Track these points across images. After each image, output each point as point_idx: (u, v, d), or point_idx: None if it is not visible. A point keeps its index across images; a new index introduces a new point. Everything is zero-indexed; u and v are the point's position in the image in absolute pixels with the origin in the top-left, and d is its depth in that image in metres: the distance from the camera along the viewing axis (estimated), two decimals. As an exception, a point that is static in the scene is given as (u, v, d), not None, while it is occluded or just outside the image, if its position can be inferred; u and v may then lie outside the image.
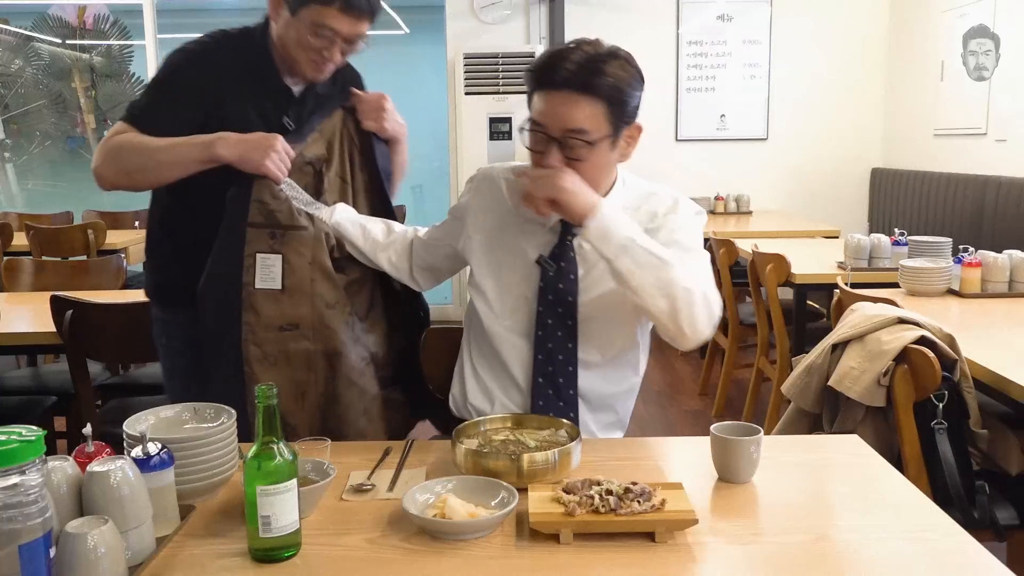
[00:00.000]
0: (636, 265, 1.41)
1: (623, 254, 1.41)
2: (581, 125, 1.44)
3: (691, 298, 1.42)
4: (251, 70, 1.74)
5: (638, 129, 1.54)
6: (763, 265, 3.26)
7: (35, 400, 2.70)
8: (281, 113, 1.77)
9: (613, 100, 1.45)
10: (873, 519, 1.15)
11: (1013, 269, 2.74)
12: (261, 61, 1.74)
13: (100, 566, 0.95)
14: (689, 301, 1.42)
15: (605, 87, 1.44)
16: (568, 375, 1.57)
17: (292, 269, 1.62)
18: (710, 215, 5.72)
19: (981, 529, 1.69)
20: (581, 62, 1.44)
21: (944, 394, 1.71)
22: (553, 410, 1.56)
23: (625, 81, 1.46)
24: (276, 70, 1.76)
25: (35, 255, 4.40)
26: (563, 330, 1.56)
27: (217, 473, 1.23)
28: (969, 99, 4.87)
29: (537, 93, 1.48)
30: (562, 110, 1.44)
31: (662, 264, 1.41)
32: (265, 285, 1.61)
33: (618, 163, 1.56)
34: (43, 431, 0.91)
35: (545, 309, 1.56)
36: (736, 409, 3.90)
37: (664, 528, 1.08)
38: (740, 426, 1.29)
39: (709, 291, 1.46)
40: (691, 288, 1.42)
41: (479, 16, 5.70)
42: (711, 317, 1.46)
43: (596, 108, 1.44)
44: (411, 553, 1.07)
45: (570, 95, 1.43)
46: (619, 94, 1.45)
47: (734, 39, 5.87)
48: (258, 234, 1.62)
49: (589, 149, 1.45)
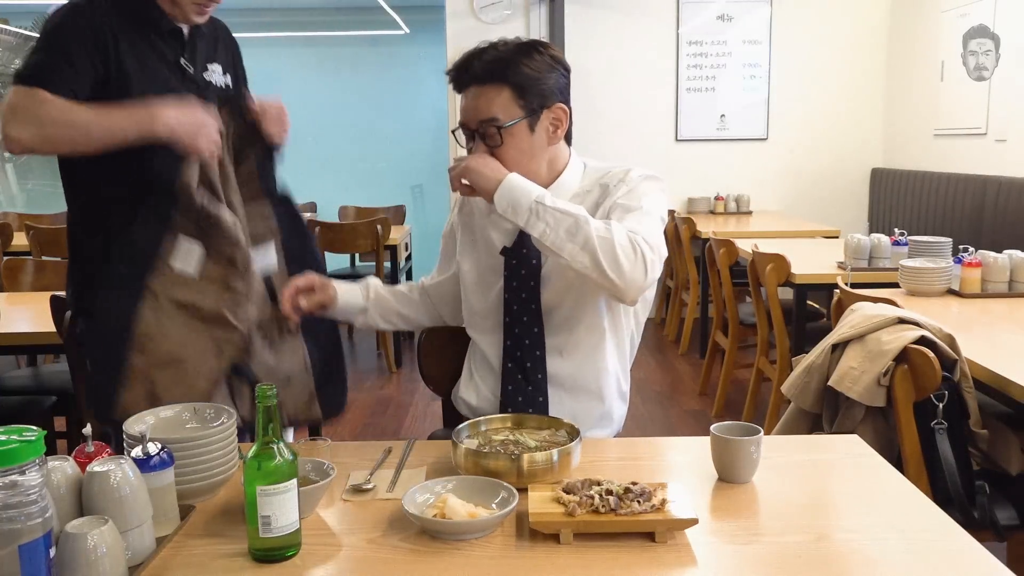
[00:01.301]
0: (548, 226, 1.44)
1: (533, 218, 1.45)
2: (491, 114, 1.54)
3: (610, 246, 1.42)
4: (138, 15, 1.71)
5: (563, 111, 1.59)
6: (763, 265, 3.26)
7: (35, 400, 2.70)
8: (177, 55, 1.77)
9: (518, 84, 1.53)
10: (873, 519, 1.15)
11: (1013, 269, 2.74)
12: (146, 6, 1.72)
13: (100, 566, 0.95)
14: (609, 249, 1.42)
15: (507, 74, 1.53)
16: (536, 359, 1.62)
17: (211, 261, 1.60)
18: (710, 215, 5.72)
19: (981, 529, 1.68)
20: (483, 59, 1.55)
21: (944, 394, 1.71)
22: (522, 395, 1.62)
23: (529, 65, 1.54)
24: (163, 12, 1.73)
25: (35, 255, 4.40)
26: (528, 315, 1.62)
27: (217, 473, 1.24)
28: (969, 99, 4.87)
29: (460, 96, 1.59)
30: (472, 104, 1.56)
31: (574, 220, 1.44)
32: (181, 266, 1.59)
33: (549, 146, 1.60)
34: (43, 431, 0.91)
35: (511, 295, 1.63)
36: (736, 409, 3.90)
37: (664, 528, 1.08)
38: (740, 426, 1.29)
39: (640, 239, 1.46)
40: (608, 237, 1.43)
41: (479, 16, 5.70)
42: (643, 262, 1.44)
43: (502, 95, 1.53)
44: (411, 553, 1.07)
45: (478, 89, 1.55)
46: (523, 78, 1.54)
47: (734, 39, 5.87)
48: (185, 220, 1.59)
49: (504, 133, 1.54)
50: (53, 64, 1.62)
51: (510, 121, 1.54)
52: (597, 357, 1.64)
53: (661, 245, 1.49)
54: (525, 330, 1.63)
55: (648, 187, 1.58)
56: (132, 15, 1.71)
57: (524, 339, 1.63)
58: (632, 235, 1.45)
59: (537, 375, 1.62)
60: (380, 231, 4.63)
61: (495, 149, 1.55)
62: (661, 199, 1.59)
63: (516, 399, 1.63)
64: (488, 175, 1.50)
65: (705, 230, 4.61)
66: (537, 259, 1.62)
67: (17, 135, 1.58)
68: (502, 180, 1.48)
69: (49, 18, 1.68)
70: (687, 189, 5.96)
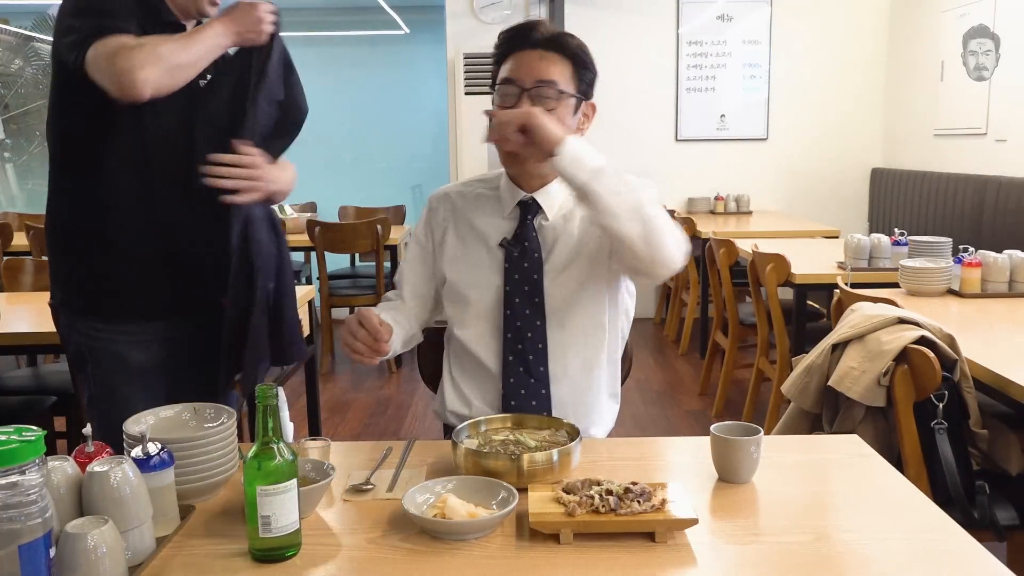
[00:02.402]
0: (609, 188, 1.43)
1: (596, 177, 1.42)
2: (552, 76, 1.54)
3: (659, 223, 1.44)
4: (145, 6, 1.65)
5: (592, 108, 1.62)
6: (763, 265, 3.26)
7: (35, 400, 2.70)
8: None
9: (579, 63, 1.57)
10: (873, 519, 1.15)
11: (1013, 269, 2.74)
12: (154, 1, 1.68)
13: (100, 566, 0.95)
14: (658, 226, 1.44)
15: (573, 48, 1.57)
16: (539, 352, 1.60)
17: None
18: (710, 215, 5.73)
19: (981, 529, 1.68)
20: (551, 29, 1.58)
21: (944, 394, 1.71)
22: (525, 388, 1.60)
23: (586, 51, 1.59)
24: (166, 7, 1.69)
25: (35, 255, 4.40)
26: (531, 308, 1.60)
27: (217, 473, 1.24)
28: (969, 99, 4.87)
29: (510, 56, 1.58)
30: (535, 63, 1.55)
31: (631, 188, 1.45)
32: None
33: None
34: (43, 431, 0.91)
35: (512, 288, 1.61)
36: (736, 409, 3.90)
37: (664, 528, 1.09)
38: (740, 426, 1.29)
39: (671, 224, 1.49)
40: (658, 214, 1.45)
41: (479, 16, 5.70)
42: (679, 244, 1.47)
43: (565, 66, 1.56)
44: (411, 553, 1.07)
45: (543, 52, 1.55)
46: (584, 58, 1.58)
47: (734, 39, 5.87)
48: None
49: (557, 101, 1.54)
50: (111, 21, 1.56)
51: (567, 90, 1.55)
52: (593, 354, 1.64)
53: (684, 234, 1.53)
54: (528, 324, 1.60)
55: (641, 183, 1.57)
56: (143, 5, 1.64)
57: (527, 332, 1.60)
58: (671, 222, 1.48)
59: (540, 368, 1.60)
60: (380, 231, 4.63)
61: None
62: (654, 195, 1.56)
63: (519, 393, 1.60)
64: (555, 127, 1.43)
65: (705, 230, 4.61)
66: (539, 251, 1.60)
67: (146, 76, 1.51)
68: (565, 136, 1.43)
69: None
70: (687, 189, 5.96)
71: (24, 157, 7.72)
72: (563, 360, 1.62)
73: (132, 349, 1.70)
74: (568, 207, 1.62)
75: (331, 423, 3.95)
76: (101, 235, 1.67)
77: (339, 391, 4.48)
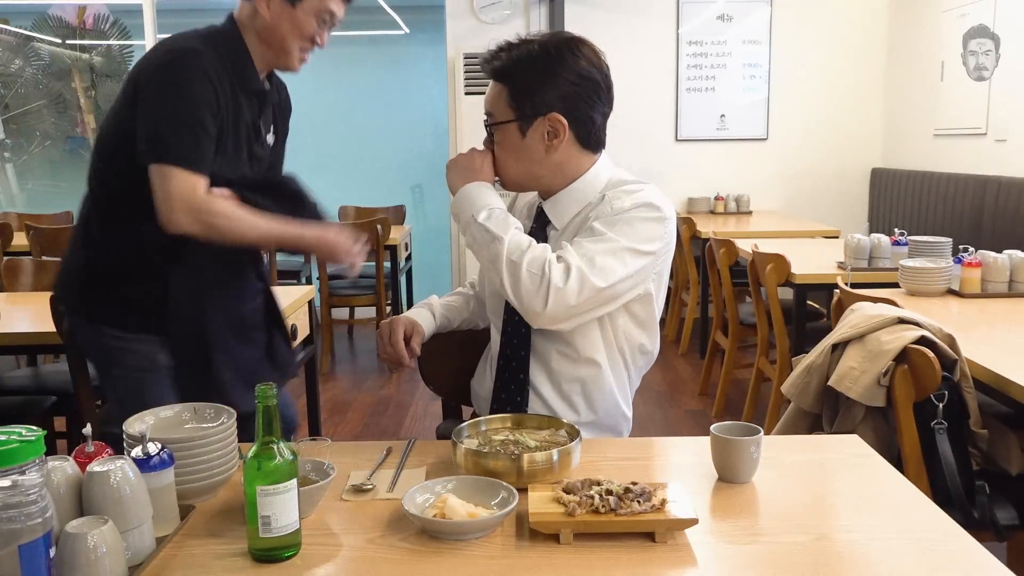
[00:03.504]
0: (473, 240, 1.52)
1: (465, 231, 1.53)
2: (489, 108, 1.58)
3: (515, 269, 1.44)
4: (236, 71, 1.70)
5: (559, 121, 1.52)
6: (763, 265, 3.26)
7: (35, 400, 2.70)
8: (255, 116, 1.78)
9: (516, 88, 1.53)
10: (873, 519, 1.15)
11: (1013, 269, 2.74)
12: (243, 64, 1.72)
13: (100, 566, 0.95)
14: (512, 272, 1.45)
15: (508, 75, 1.54)
16: (520, 359, 1.64)
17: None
18: (710, 215, 5.72)
19: (981, 529, 1.68)
20: (499, 56, 1.55)
21: (944, 394, 1.71)
22: (506, 392, 1.65)
23: (531, 71, 1.51)
24: (256, 72, 1.75)
25: (35, 255, 4.40)
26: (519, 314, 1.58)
27: (217, 473, 1.24)
28: (969, 99, 4.87)
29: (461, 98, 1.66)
30: (487, 97, 1.59)
31: (493, 240, 1.48)
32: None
33: (549, 153, 1.55)
34: (43, 431, 0.91)
35: None
36: (736, 409, 3.90)
37: (664, 528, 1.08)
38: (740, 426, 1.29)
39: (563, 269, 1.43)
40: (517, 261, 1.45)
41: (479, 16, 5.70)
42: (545, 290, 1.42)
43: (499, 91, 1.55)
44: (411, 553, 1.07)
45: (491, 84, 1.58)
46: (521, 83, 1.52)
47: (734, 39, 5.87)
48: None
49: (495, 131, 1.57)
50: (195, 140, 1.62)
51: (501, 118, 1.55)
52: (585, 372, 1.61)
53: (594, 276, 1.43)
54: (516, 329, 1.64)
55: (632, 216, 1.49)
56: (232, 69, 1.69)
57: (514, 338, 1.64)
58: (550, 262, 1.43)
59: (519, 375, 1.63)
60: (380, 231, 4.63)
61: (496, 145, 1.59)
62: (643, 230, 1.49)
63: (501, 395, 1.66)
64: (453, 176, 1.58)
65: (705, 230, 4.61)
66: None
67: (185, 227, 1.62)
68: (460, 186, 1.55)
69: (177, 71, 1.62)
70: (687, 189, 5.96)
71: (24, 157, 7.72)
72: (547, 371, 1.62)
73: (158, 350, 1.74)
74: (577, 221, 1.59)
75: (331, 423, 3.96)
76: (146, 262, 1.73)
77: (339, 391, 4.48)
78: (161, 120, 1.61)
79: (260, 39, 1.72)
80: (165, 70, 1.63)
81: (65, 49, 7.45)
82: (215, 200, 1.64)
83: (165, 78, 1.62)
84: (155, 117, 1.61)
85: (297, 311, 2.77)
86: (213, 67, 1.64)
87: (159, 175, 1.61)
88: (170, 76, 1.62)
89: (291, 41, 1.71)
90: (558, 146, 1.54)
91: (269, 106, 1.84)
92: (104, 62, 7.54)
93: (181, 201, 1.60)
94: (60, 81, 7.52)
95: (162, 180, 1.60)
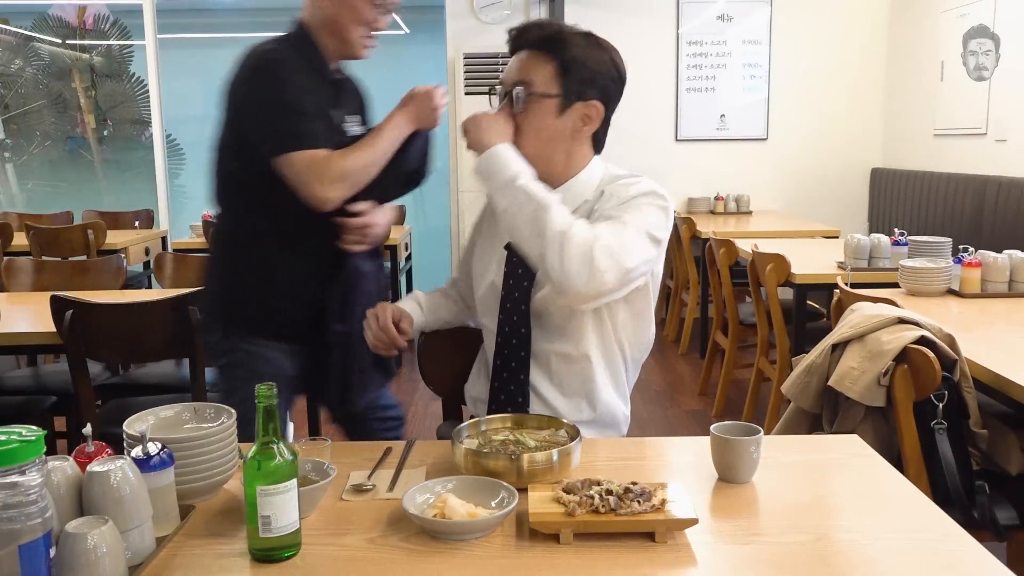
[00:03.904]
0: (512, 204, 1.43)
1: (501, 192, 1.45)
2: (528, 77, 1.53)
3: (564, 240, 1.38)
4: (311, 63, 1.82)
5: (596, 111, 1.54)
6: (763, 265, 3.26)
7: (35, 400, 2.70)
8: (331, 104, 1.88)
9: (566, 64, 1.52)
10: (873, 519, 1.15)
11: (1013, 269, 2.74)
12: (316, 57, 1.84)
13: (100, 566, 0.95)
14: (561, 243, 1.38)
15: (560, 49, 1.52)
16: (520, 360, 1.61)
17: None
18: (710, 215, 5.72)
19: (981, 529, 1.68)
20: (544, 29, 1.55)
21: (944, 394, 1.71)
22: (505, 393, 1.62)
23: (583, 52, 1.53)
24: (327, 64, 1.86)
25: (35, 255, 4.40)
26: (518, 315, 1.60)
27: (217, 473, 1.23)
28: (969, 99, 4.87)
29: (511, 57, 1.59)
30: (516, 65, 1.56)
31: (539, 206, 1.42)
32: None
33: (573, 139, 1.55)
34: (43, 431, 0.91)
35: (507, 292, 1.62)
36: (736, 409, 3.90)
37: (664, 528, 1.08)
38: (740, 426, 1.29)
39: (604, 247, 1.39)
40: (567, 232, 1.39)
41: (479, 16, 5.70)
42: (590, 268, 1.38)
43: (546, 66, 1.52)
44: (411, 553, 1.07)
45: (528, 53, 1.55)
46: (572, 61, 1.52)
47: (734, 39, 5.87)
48: None
49: (532, 101, 1.52)
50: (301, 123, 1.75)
51: (542, 91, 1.51)
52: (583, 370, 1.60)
53: (624, 257, 1.41)
54: (514, 329, 1.61)
55: (642, 202, 1.49)
56: (307, 63, 1.82)
57: (512, 338, 1.61)
58: (593, 245, 1.39)
59: (519, 376, 1.61)
60: (380, 231, 4.62)
61: (517, 115, 1.53)
62: (653, 217, 1.48)
63: (499, 397, 1.63)
64: (484, 136, 1.49)
65: (705, 230, 4.61)
66: None
67: (330, 195, 1.73)
68: (492, 144, 1.48)
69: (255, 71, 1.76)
70: (687, 189, 5.96)
71: (24, 157, 7.72)
72: (546, 371, 1.61)
73: (284, 359, 1.88)
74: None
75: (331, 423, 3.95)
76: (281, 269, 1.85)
77: (339, 391, 4.47)
78: (266, 119, 1.75)
79: (323, 32, 1.84)
80: (253, 76, 1.76)
81: (65, 49, 7.45)
82: (333, 156, 1.74)
83: (255, 83, 1.76)
84: (261, 119, 1.75)
85: (297, 311, 2.76)
86: (292, 62, 1.78)
87: (285, 164, 1.73)
88: (258, 79, 1.76)
89: (351, 29, 1.82)
90: (584, 135, 1.56)
91: (347, 95, 1.96)
92: (104, 62, 7.54)
93: (312, 175, 1.72)
94: (60, 81, 7.52)
95: (289, 167, 1.73)
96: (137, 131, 7.51)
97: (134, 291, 3.45)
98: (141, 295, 3.21)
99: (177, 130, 6.99)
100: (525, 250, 1.44)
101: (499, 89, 1.59)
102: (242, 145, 1.78)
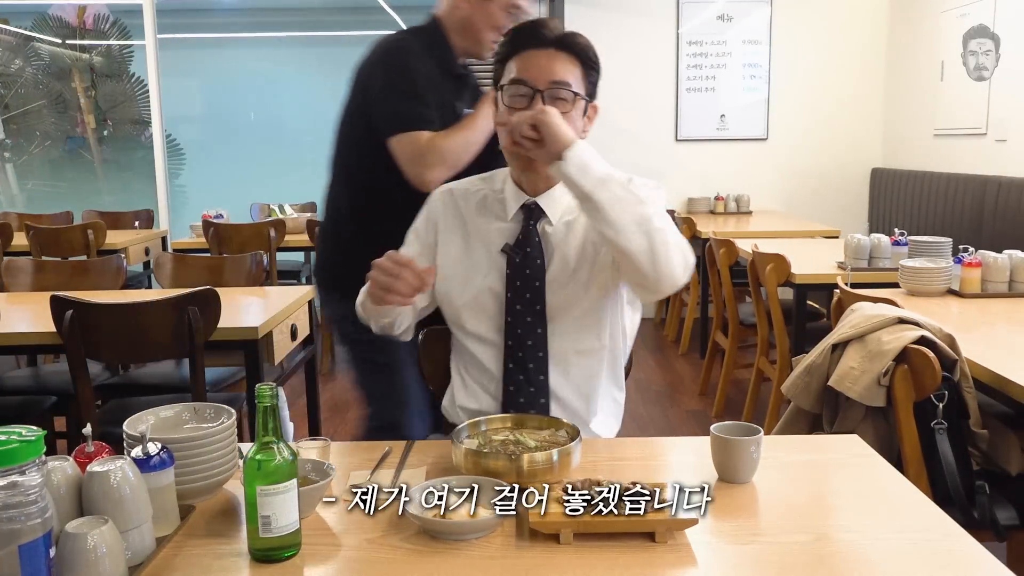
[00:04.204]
0: (615, 198, 1.38)
1: (602, 186, 1.39)
2: (566, 77, 1.52)
3: (666, 237, 1.39)
4: (438, 57, 1.97)
5: (595, 109, 1.59)
6: (763, 265, 3.26)
7: (35, 400, 2.70)
8: (455, 98, 2.01)
9: (587, 64, 1.55)
10: (873, 519, 1.15)
11: (1013, 269, 2.74)
12: (444, 51, 1.99)
13: (100, 566, 0.95)
14: (664, 240, 1.39)
15: (582, 48, 1.55)
16: (539, 360, 1.58)
17: None
18: (710, 215, 5.73)
19: (981, 529, 1.68)
20: (560, 28, 1.57)
21: (944, 394, 1.71)
22: (524, 397, 1.59)
23: (594, 51, 1.57)
24: (455, 58, 2.01)
25: (35, 255, 4.40)
26: (532, 315, 1.58)
27: (217, 473, 1.23)
28: (969, 99, 4.87)
29: (520, 54, 1.54)
30: (548, 63, 1.52)
31: (639, 200, 1.40)
32: None
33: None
34: (43, 431, 0.91)
35: (514, 295, 1.58)
36: (736, 409, 3.90)
37: (664, 528, 1.08)
38: (740, 426, 1.29)
39: (685, 243, 1.46)
40: (665, 228, 1.40)
41: (479, 16, 5.70)
42: (685, 261, 1.43)
43: (575, 67, 1.54)
44: (411, 553, 1.07)
45: (555, 52, 1.53)
46: (591, 61, 1.56)
47: (734, 39, 5.88)
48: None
49: (571, 102, 1.52)
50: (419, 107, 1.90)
51: (579, 91, 1.53)
52: (595, 364, 1.62)
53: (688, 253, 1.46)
54: (528, 331, 1.58)
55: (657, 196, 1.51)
56: (436, 56, 1.97)
57: (527, 340, 1.58)
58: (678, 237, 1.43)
59: (539, 377, 1.59)
60: (380, 231, 4.62)
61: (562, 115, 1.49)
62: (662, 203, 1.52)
63: (518, 401, 1.60)
64: (566, 131, 1.41)
65: (705, 230, 4.61)
66: (542, 259, 1.57)
67: (435, 176, 1.84)
68: (576, 139, 1.41)
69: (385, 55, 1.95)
70: (687, 189, 5.97)
71: (24, 157, 7.72)
72: (564, 370, 1.60)
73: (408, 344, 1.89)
74: (572, 213, 1.59)
75: (331, 423, 3.95)
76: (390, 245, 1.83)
77: (339, 391, 4.48)
78: (387, 101, 1.91)
79: (456, 31, 1.99)
80: (383, 60, 1.95)
81: (65, 49, 7.45)
82: (436, 137, 1.87)
83: (384, 66, 1.94)
84: (383, 99, 1.92)
85: (297, 311, 2.77)
86: (421, 53, 1.94)
87: (396, 144, 1.89)
88: (387, 64, 1.94)
89: (485, 32, 1.97)
90: (587, 135, 1.58)
91: (467, 88, 2.08)
92: (104, 62, 7.54)
93: (417, 155, 1.86)
94: (60, 81, 7.51)
95: (399, 147, 1.88)
96: (137, 131, 7.51)
97: (134, 291, 3.45)
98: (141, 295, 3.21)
99: (177, 130, 6.99)
100: (623, 244, 1.39)
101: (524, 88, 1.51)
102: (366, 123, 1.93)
